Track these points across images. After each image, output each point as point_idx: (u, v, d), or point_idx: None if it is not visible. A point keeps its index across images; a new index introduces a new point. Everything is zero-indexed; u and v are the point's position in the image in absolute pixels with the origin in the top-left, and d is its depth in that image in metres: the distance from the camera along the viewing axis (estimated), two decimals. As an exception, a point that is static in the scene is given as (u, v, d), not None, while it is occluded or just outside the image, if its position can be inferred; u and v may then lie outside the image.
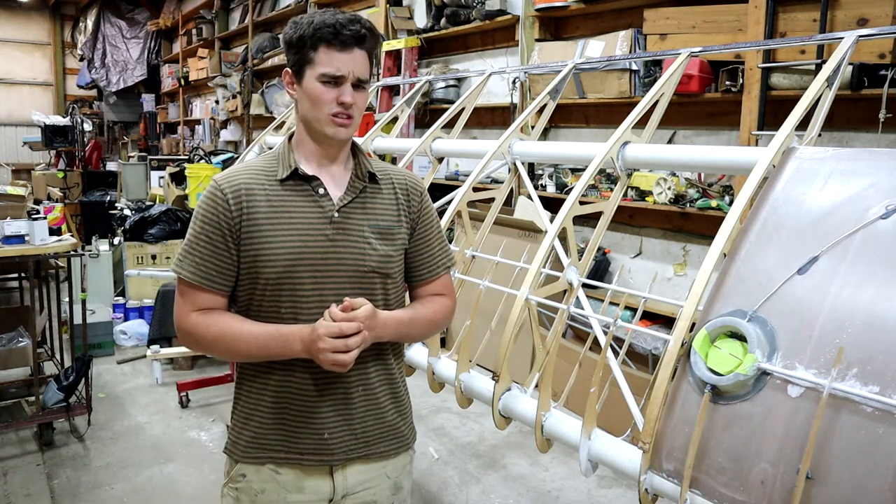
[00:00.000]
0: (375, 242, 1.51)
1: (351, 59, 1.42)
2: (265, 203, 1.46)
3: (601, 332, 2.06)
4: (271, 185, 1.48)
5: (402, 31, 6.32)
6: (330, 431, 1.51)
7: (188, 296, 1.47)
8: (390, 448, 1.60)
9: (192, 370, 5.01)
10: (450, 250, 1.68)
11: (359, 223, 1.50)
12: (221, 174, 1.51)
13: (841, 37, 1.99)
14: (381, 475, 1.60)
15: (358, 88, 1.46)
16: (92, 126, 11.81)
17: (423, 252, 1.61)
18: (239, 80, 9.47)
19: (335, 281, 1.47)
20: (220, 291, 1.48)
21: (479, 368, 2.24)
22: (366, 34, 1.44)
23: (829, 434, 1.30)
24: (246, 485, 1.54)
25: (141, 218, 6.23)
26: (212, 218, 1.45)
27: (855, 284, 1.41)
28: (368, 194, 1.54)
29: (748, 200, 1.72)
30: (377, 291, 1.52)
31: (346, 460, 1.54)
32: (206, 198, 1.47)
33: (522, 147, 2.65)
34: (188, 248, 1.47)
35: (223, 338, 1.44)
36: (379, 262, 1.51)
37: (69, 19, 15.23)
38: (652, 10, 4.15)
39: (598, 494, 3.36)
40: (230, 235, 1.45)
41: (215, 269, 1.46)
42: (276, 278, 1.45)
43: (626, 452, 1.68)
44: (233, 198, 1.45)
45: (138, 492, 3.33)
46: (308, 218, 1.47)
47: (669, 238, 4.38)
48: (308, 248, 1.45)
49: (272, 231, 1.45)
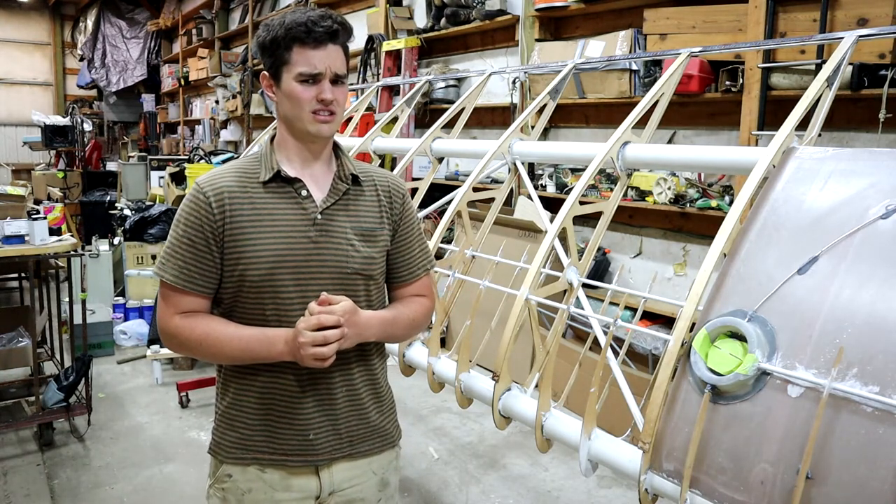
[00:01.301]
0: (358, 244, 1.51)
1: (326, 56, 1.42)
2: (248, 205, 1.46)
3: (601, 332, 2.05)
4: (254, 187, 1.48)
5: (402, 31, 6.32)
6: (315, 432, 1.51)
7: (171, 299, 1.47)
8: (374, 446, 1.61)
9: (192, 370, 5.01)
10: (429, 252, 1.70)
11: (342, 225, 1.50)
12: (203, 176, 1.51)
13: (841, 37, 1.99)
14: (368, 472, 1.61)
15: (336, 84, 1.45)
16: (92, 126, 11.81)
17: (404, 254, 1.62)
18: (239, 80, 9.47)
19: (318, 283, 1.47)
20: (203, 294, 1.48)
21: (479, 368, 2.24)
22: (338, 29, 1.43)
23: (829, 434, 1.29)
24: (232, 485, 1.54)
25: (141, 218, 6.23)
26: (194, 221, 1.45)
27: (855, 284, 1.41)
28: (351, 196, 1.54)
29: (748, 200, 1.72)
30: (360, 293, 1.52)
31: (331, 460, 1.54)
32: (188, 201, 1.47)
33: (522, 147, 2.65)
34: (170, 250, 1.47)
35: (207, 340, 1.44)
36: (362, 263, 1.51)
37: (69, 19, 15.23)
38: (652, 10, 4.15)
39: (598, 494, 3.36)
40: (213, 238, 1.45)
41: (198, 271, 1.46)
42: (259, 281, 1.45)
43: (626, 452, 1.68)
44: (215, 201, 1.45)
45: (138, 492, 3.33)
46: (291, 220, 1.47)
47: (669, 238, 4.38)
48: (291, 250, 1.46)
49: (255, 234, 1.45)
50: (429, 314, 1.67)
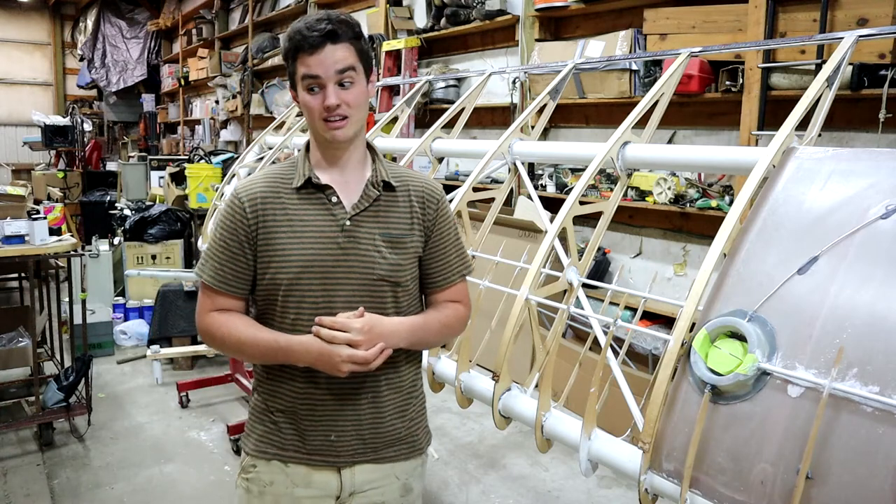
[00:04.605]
0: (385, 251, 1.51)
1: (324, 59, 1.41)
2: (280, 211, 1.49)
3: (601, 332, 2.05)
4: (287, 193, 1.51)
5: (402, 31, 6.32)
6: (337, 434, 1.53)
7: (207, 297, 1.54)
8: (400, 453, 1.60)
9: (192, 370, 5.01)
10: (466, 258, 1.66)
11: (370, 231, 1.50)
12: (242, 182, 1.56)
13: (841, 37, 1.99)
14: (391, 475, 1.60)
15: (345, 85, 1.44)
16: (92, 126, 11.81)
17: (438, 259, 1.60)
18: (239, 80, 9.46)
19: (345, 289, 1.48)
20: (237, 295, 1.53)
21: (479, 368, 2.24)
22: (333, 29, 1.41)
23: (829, 434, 1.29)
24: (256, 476, 1.58)
25: (141, 218, 6.23)
26: (229, 225, 1.51)
27: (855, 284, 1.41)
28: (382, 202, 1.53)
29: (748, 200, 1.72)
30: (387, 300, 1.52)
31: (354, 462, 1.55)
32: (226, 206, 1.54)
33: (522, 147, 2.65)
34: (209, 253, 1.54)
35: (231, 338, 1.50)
36: (388, 270, 1.51)
37: (69, 19, 15.20)
38: (652, 10, 4.15)
39: (598, 494, 3.36)
40: (246, 242, 1.50)
41: (232, 273, 1.51)
42: (288, 284, 1.48)
43: (626, 452, 1.68)
44: (249, 206, 1.49)
45: (138, 492, 3.33)
46: (320, 226, 1.49)
47: (669, 238, 4.38)
48: (319, 255, 1.47)
49: (285, 239, 1.48)
50: (462, 320, 1.64)
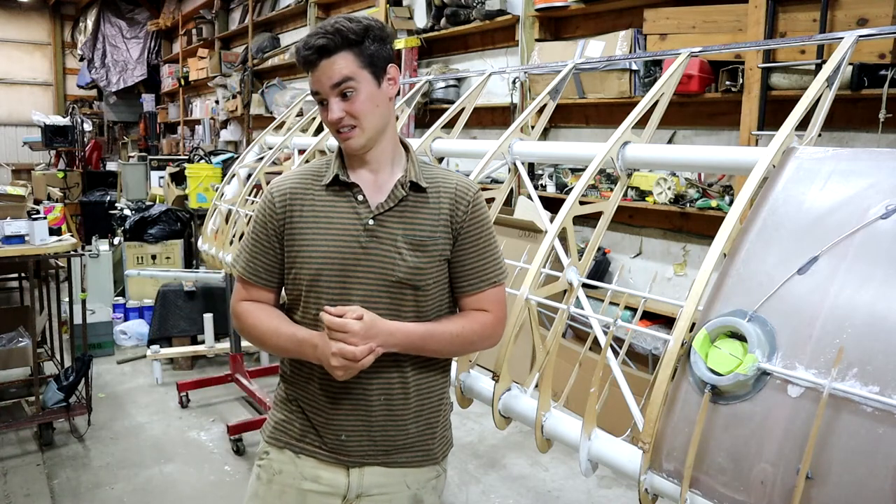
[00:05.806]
0: (406, 253, 1.48)
1: (319, 76, 1.43)
2: (308, 207, 1.51)
3: (601, 332, 2.05)
4: (317, 189, 1.52)
5: (402, 31, 6.31)
6: (347, 434, 1.53)
7: (240, 287, 1.60)
8: (413, 459, 1.59)
9: (192, 370, 5.01)
10: (500, 263, 1.59)
11: (393, 232, 1.49)
12: (277, 178, 1.60)
13: (841, 37, 1.99)
14: (401, 482, 1.58)
15: (347, 95, 1.43)
16: (92, 126, 11.81)
17: (466, 263, 1.54)
18: (239, 80, 9.46)
19: (363, 288, 1.48)
20: (267, 287, 1.57)
21: (479, 368, 2.24)
22: (324, 43, 1.40)
23: (829, 434, 1.29)
24: (268, 462, 1.60)
25: (141, 218, 6.23)
26: (261, 219, 1.55)
27: (855, 284, 1.41)
28: (409, 203, 1.51)
29: (748, 200, 1.72)
30: (407, 302, 1.50)
31: (363, 463, 1.55)
32: (260, 200, 1.59)
33: (522, 147, 2.65)
34: (243, 245, 1.60)
35: (255, 329, 1.55)
36: (407, 273, 1.48)
37: (69, 19, 15.21)
38: (652, 10, 4.15)
39: (598, 494, 3.36)
40: (275, 237, 1.53)
41: (262, 266, 1.56)
42: (311, 280, 1.49)
43: (626, 452, 1.68)
44: (279, 201, 1.53)
45: (138, 492, 3.33)
46: (345, 223, 1.49)
47: (669, 238, 4.38)
48: (340, 252, 1.48)
49: (311, 234, 1.49)
50: (486, 332, 1.56)
